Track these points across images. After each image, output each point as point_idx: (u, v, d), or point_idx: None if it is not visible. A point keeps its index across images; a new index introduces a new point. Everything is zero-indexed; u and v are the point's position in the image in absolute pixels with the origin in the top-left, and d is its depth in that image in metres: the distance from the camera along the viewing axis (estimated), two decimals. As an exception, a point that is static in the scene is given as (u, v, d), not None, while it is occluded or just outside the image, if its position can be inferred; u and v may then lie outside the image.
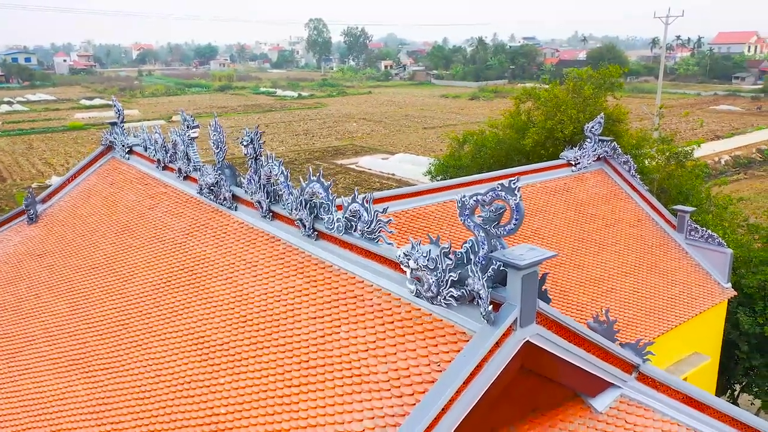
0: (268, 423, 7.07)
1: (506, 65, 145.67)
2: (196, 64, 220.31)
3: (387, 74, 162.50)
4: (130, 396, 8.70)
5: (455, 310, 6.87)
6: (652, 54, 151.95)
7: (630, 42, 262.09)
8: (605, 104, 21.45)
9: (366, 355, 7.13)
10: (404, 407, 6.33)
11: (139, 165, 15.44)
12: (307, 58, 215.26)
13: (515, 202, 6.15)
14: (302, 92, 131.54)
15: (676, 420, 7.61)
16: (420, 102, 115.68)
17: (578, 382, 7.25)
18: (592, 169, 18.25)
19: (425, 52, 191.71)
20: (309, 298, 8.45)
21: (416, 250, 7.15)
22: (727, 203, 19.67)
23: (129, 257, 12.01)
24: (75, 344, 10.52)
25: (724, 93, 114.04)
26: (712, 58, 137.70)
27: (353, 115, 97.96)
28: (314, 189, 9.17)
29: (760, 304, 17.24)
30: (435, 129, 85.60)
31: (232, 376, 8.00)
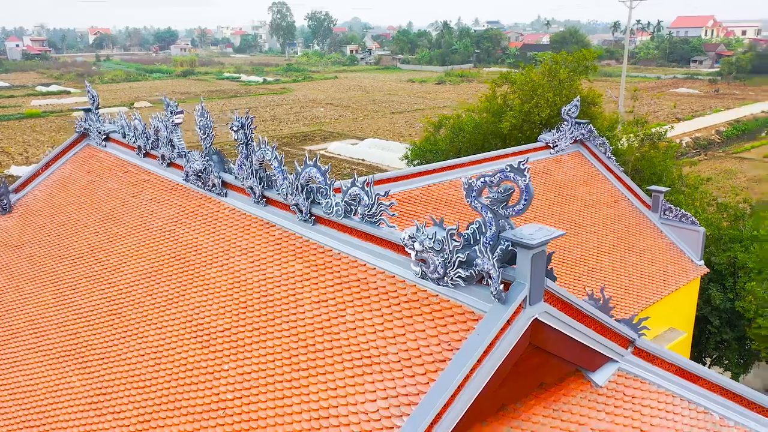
0: (278, 407, 7.11)
1: (471, 49, 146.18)
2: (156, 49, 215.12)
3: (353, 59, 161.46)
4: (129, 385, 8.63)
5: (462, 290, 6.99)
6: (613, 38, 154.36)
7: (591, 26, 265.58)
8: (580, 87, 21.82)
9: (374, 337, 7.22)
10: (417, 386, 6.44)
11: (118, 152, 15.13)
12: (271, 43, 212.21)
13: (524, 182, 6.27)
14: (267, 77, 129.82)
15: (671, 391, 7.92)
16: (387, 86, 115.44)
17: (580, 358, 7.47)
18: (570, 152, 18.59)
19: (390, 37, 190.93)
20: (310, 283, 8.47)
21: (421, 233, 7.23)
22: (698, 183, 20.30)
23: (115, 246, 11.81)
24: (65, 335, 10.34)
25: (683, 76, 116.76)
26: (670, 42, 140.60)
27: (320, 100, 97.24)
28: (311, 174, 9.15)
29: (729, 280, 17.90)
30: (403, 113, 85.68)
31: (236, 361, 8.00)
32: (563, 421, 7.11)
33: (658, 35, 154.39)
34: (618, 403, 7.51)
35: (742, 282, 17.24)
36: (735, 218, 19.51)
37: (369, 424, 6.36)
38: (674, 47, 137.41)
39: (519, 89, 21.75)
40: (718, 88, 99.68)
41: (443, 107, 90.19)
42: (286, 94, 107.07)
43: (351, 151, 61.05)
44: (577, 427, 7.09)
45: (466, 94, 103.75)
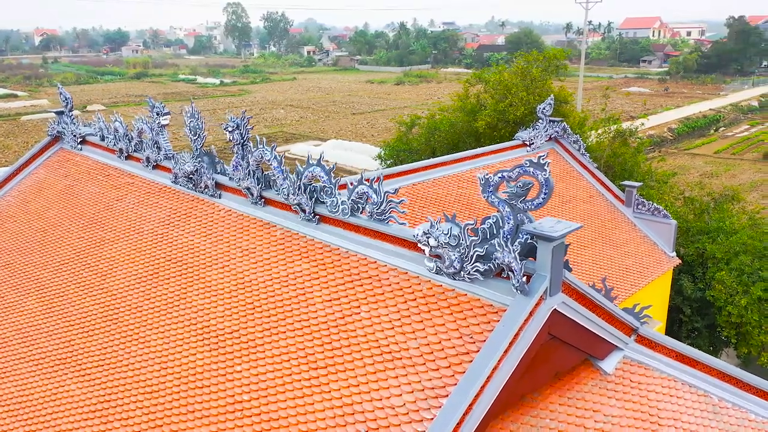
0: (299, 405, 7.11)
1: (429, 50, 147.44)
2: (107, 50, 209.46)
3: (310, 60, 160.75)
4: (135, 391, 8.46)
5: (480, 284, 7.14)
6: (566, 38, 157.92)
7: (543, 27, 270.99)
8: (552, 86, 22.34)
9: (393, 333, 7.29)
10: (443, 380, 6.54)
11: (95, 155, 14.78)
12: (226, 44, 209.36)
13: (545, 176, 6.45)
14: (224, 79, 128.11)
15: (673, 376, 8.24)
16: (346, 87, 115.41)
17: (591, 346, 7.71)
18: (544, 149, 19.02)
19: (347, 38, 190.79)
20: (320, 282, 8.48)
21: (436, 229, 7.34)
22: (666, 178, 21.04)
23: (104, 251, 11.54)
24: (58, 343, 10.06)
25: (634, 76, 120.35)
26: (621, 42, 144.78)
27: (280, 102, 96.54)
28: (314, 173, 9.16)
29: (699, 270, 18.63)
30: (364, 114, 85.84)
31: (248, 363, 7.95)
32: (578, 408, 7.33)
33: (608, 36, 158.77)
34: (626, 389, 7.78)
35: (711, 272, 17.97)
36: (701, 211, 20.30)
37: (397, 418, 6.43)
38: (624, 48, 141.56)
39: (492, 89, 22.13)
40: (667, 87, 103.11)
41: (404, 107, 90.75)
42: (244, 95, 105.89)
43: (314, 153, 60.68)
44: (592, 414, 7.32)
45: (425, 94, 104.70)
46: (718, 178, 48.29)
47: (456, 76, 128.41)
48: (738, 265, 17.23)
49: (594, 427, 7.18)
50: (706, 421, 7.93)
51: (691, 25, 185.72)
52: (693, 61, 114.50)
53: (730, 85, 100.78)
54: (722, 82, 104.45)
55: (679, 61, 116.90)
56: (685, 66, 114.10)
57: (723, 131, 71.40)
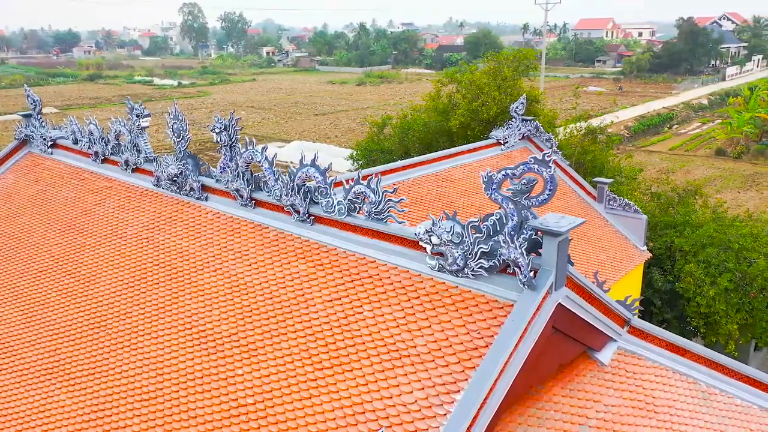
0: (306, 407, 7.09)
1: (389, 51, 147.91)
2: (57, 51, 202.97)
3: (270, 61, 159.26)
4: (131, 399, 8.28)
5: (484, 280, 7.24)
6: (523, 39, 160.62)
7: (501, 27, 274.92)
8: (523, 85, 22.74)
9: (398, 331, 7.33)
10: (453, 375, 6.62)
11: (68, 159, 14.39)
12: (183, 45, 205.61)
13: (549, 173, 6.60)
14: (182, 81, 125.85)
15: (664, 365, 8.51)
16: (307, 88, 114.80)
17: (589, 338, 7.91)
18: (518, 148, 19.34)
19: (307, 38, 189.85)
20: (319, 282, 8.46)
21: (438, 227, 7.42)
22: (635, 174, 21.65)
23: (85, 257, 11.24)
24: (42, 353, 9.76)
25: (590, 75, 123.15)
26: (576, 43, 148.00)
27: (240, 104, 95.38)
28: (309, 173, 9.13)
29: (667, 263, 19.23)
30: (327, 115, 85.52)
31: (250, 366, 7.87)
32: (579, 399, 7.51)
33: (564, 37, 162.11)
34: (622, 379, 8.01)
35: (679, 265, 18.57)
36: (667, 206, 20.96)
37: (410, 415, 6.48)
38: (579, 48, 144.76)
39: (465, 88, 22.39)
40: (621, 86, 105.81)
41: (366, 108, 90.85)
42: (203, 97, 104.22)
43: (279, 155, 60.33)
44: (593, 405, 7.51)
45: (387, 94, 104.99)
46: (674, 174, 49.83)
47: (417, 77, 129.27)
48: (705, 257, 17.86)
49: (596, 417, 7.37)
50: (697, 408, 8.22)
51: (642, 26, 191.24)
52: (645, 61, 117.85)
53: (681, 84, 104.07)
54: (674, 82, 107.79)
55: (632, 61, 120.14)
56: (638, 66, 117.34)
57: (676, 129, 73.72)
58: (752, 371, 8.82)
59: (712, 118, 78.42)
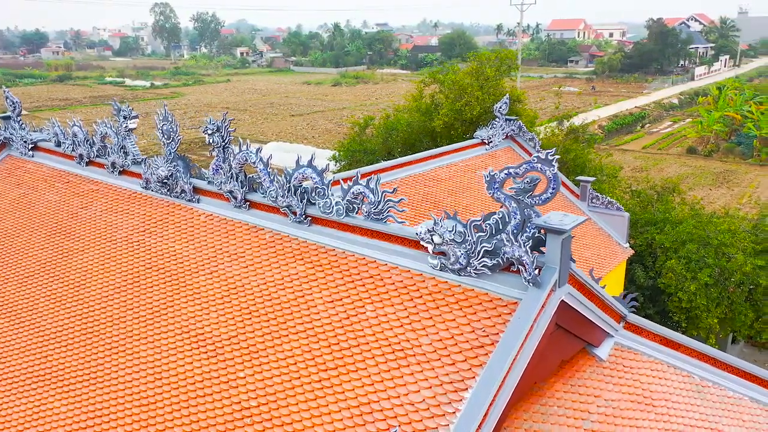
0: (312, 408, 7.07)
1: (364, 51, 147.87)
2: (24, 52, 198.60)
3: (244, 61, 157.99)
4: (130, 404, 8.16)
5: (486, 279, 7.30)
6: (497, 39, 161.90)
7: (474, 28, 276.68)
8: (505, 85, 22.95)
9: (402, 331, 7.35)
10: (460, 373, 6.66)
11: (50, 162, 14.13)
12: (154, 46, 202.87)
13: (552, 172, 6.68)
14: (155, 81, 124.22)
15: (659, 359, 8.68)
16: (283, 89, 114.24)
17: (589, 334, 8.03)
18: (502, 147, 19.52)
19: (281, 39, 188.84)
20: (318, 283, 8.44)
21: (440, 226, 7.46)
22: (615, 172, 22.01)
23: (73, 261, 11.04)
24: (32, 360, 9.56)
25: (563, 75, 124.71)
26: (549, 43, 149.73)
27: (215, 105, 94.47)
28: (305, 174, 9.11)
29: (649, 260, 19.58)
30: (303, 116, 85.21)
31: (252, 368, 7.82)
32: (581, 395, 7.62)
33: (537, 37, 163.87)
34: (620, 374, 8.14)
35: (660, 261, 18.92)
36: (647, 203, 21.34)
37: (418, 414, 6.50)
38: (552, 48, 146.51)
39: (448, 88, 22.51)
40: (594, 86, 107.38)
41: (342, 109, 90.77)
42: (177, 98, 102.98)
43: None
44: (594, 400, 7.63)
45: (363, 95, 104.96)
46: (648, 172, 50.73)
47: (392, 77, 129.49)
48: (685, 253, 18.23)
49: (597, 412, 7.48)
50: (692, 400, 8.40)
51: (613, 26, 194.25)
52: (617, 61, 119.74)
53: (652, 84, 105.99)
54: (644, 81, 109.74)
55: (604, 61, 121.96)
56: (609, 66, 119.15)
57: (648, 128, 75.08)
58: (743, 363, 9.05)
59: (682, 117, 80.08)
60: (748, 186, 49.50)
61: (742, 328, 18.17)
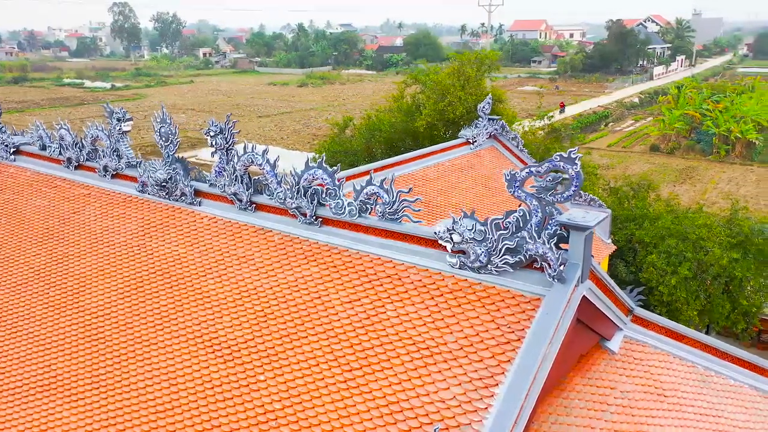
0: (339, 408, 7.07)
1: (329, 52, 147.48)
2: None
3: (207, 62, 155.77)
4: (146, 412, 8.02)
5: (507, 276, 7.42)
6: (461, 40, 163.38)
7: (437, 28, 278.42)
8: (486, 85, 23.21)
9: (426, 329, 7.42)
10: (489, 370, 6.76)
11: (35, 166, 13.77)
12: (113, 46, 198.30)
13: (575, 170, 6.84)
14: (115, 83, 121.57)
15: (665, 351, 8.94)
16: (248, 90, 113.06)
17: (603, 328, 8.23)
18: (486, 146, 19.76)
19: (244, 39, 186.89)
20: (334, 284, 8.44)
21: (459, 225, 7.56)
22: (594, 170, 22.49)
23: (69, 267, 10.78)
24: (34, 369, 9.30)
25: (527, 75, 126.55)
26: (512, 43, 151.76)
27: (180, 106, 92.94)
28: (315, 175, 9.09)
29: (629, 255, 20.08)
30: (270, 117, 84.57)
31: (272, 371, 7.77)
32: (598, 387, 7.80)
33: (500, 38, 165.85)
34: (632, 366, 8.37)
35: (641, 256, 19.43)
36: (624, 200, 21.87)
37: (450, 411, 6.57)
38: (516, 49, 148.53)
39: (430, 89, 22.66)
40: (557, 85, 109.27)
41: (310, 109, 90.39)
42: (140, 100, 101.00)
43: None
44: (610, 392, 7.83)
45: (330, 96, 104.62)
46: (614, 169, 51.91)
47: (359, 78, 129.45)
48: (665, 248, 18.76)
49: (615, 404, 7.68)
50: (697, 389, 8.68)
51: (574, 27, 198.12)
52: (579, 61, 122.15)
53: (613, 83, 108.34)
54: (606, 81, 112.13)
55: (566, 62, 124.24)
56: (572, 66, 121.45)
57: (612, 126, 76.74)
58: (743, 353, 9.39)
59: (644, 116, 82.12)
60: (709, 182, 51.10)
61: (719, 319, 18.79)
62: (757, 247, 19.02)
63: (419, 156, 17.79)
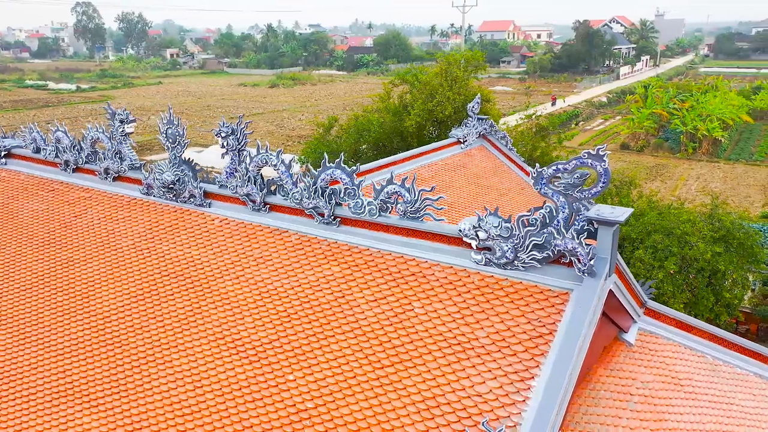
0: (374, 405, 7.13)
1: (299, 53, 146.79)
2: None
3: (175, 63, 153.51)
4: (171, 415, 7.96)
5: (534, 271, 7.58)
6: (431, 40, 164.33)
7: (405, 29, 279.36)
8: (474, 85, 23.46)
9: (456, 325, 7.53)
10: (523, 363, 6.90)
11: (28, 170, 13.50)
12: (77, 47, 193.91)
13: (604, 167, 7.03)
14: (81, 84, 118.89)
15: (676, 342, 9.22)
16: (218, 91, 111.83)
17: (623, 320, 8.45)
18: (476, 146, 19.99)
19: (212, 40, 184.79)
20: (357, 283, 8.49)
21: (485, 222, 7.69)
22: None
23: (75, 272, 10.61)
24: (48, 375, 9.13)
25: (497, 75, 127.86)
26: (482, 44, 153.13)
27: (149, 108, 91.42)
28: (333, 175, 9.13)
29: (616, 250, 20.49)
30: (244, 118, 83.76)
31: (301, 370, 7.79)
32: (621, 378, 8.02)
33: (468, 38, 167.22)
34: (649, 357, 8.62)
35: (628, 251, 19.87)
36: (606, 196, 22.33)
37: (487, 405, 6.69)
38: (485, 49, 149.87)
39: (418, 89, 22.82)
40: (528, 85, 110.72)
41: (283, 110, 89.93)
42: (107, 102, 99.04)
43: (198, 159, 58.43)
44: (632, 383, 8.05)
45: (302, 96, 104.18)
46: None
47: (330, 78, 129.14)
48: (652, 243, 19.24)
49: (638, 394, 7.91)
50: (709, 378, 8.98)
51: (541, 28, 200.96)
52: (547, 61, 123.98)
53: (581, 83, 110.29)
54: (574, 81, 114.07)
55: (535, 62, 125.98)
56: (540, 66, 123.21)
57: (582, 125, 78.10)
58: (748, 343, 9.74)
59: (612, 115, 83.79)
60: (679, 179, 52.45)
61: (704, 311, 19.34)
62: (738, 240, 19.64)
63: (413, 156, 17.92)
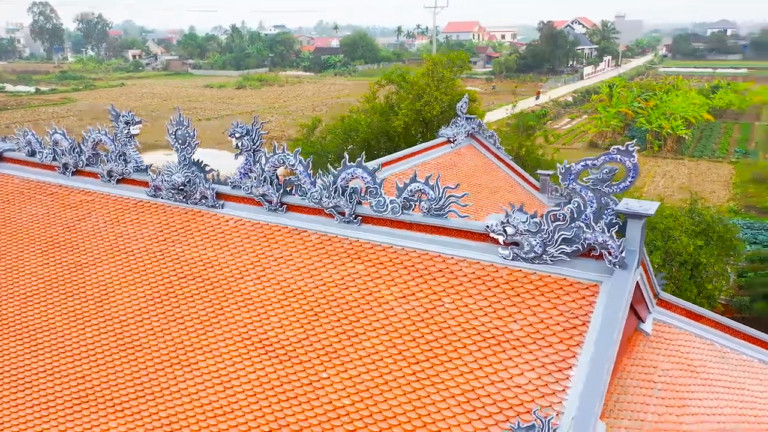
0: (414, 400, 7.22)
1: (265, 53, 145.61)
2: None
3: (137, 65, 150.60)
4: (202, 416, 7.91)
5: (562, 265, 7.78)
6: (397, 41, 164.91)
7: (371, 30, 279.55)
8: (460, 85, 23.72)
9: (488, 319, 7.68)
10: (559, 354, 7.09)
11: (23, 173, 13.19)
12: (34, 48, 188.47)
13: (633, 162, 7.27)
14: (40, 87, 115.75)
15: (687, 330, 9.55)
16: (184, 93, 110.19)
17: (642, 311, 8.72)
18: (465, 145, 20.25)
19: (175, 41, 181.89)
20: (384, 281, 8.57)
21: (513, 218, 7.87)
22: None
23: (85, 276, 10.43)
24: (66, 381, 8.97)
25: (465, 75, 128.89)
26: (448, 44, 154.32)
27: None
28: (355, 174, 9.20)
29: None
30: (211, 120, 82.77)
31: (335, 368, 7.84)
32: (644, 367, 8.28)
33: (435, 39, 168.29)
34: (664, 346, 8.91)
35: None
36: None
37: (527, 395, 6.86)
38: (452, 49, 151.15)
39: (406, 90, 22.96)
40: (494, 85, 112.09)
41: (252, 112, 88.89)
42: (68, 104, 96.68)
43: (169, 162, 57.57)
44: (653, 371, 8.32)
45: (271, 97, 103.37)
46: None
47: (297, 79, 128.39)
48: (636, 238, 19.74)
49: (660, 381, 8.18)
50: (720, 365, 9.34)
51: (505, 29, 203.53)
52: (513, 61, 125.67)
53: (547, 83, 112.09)
54: (539, 81, 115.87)
55: (501, 62, 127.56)
56: (506, 66, 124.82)
57: (550, 124, 79.40)
58: (752, 331, 10.13)
59: (579, 114, 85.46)
60: (647, 176, 53.77)
61: (687, 303, 19.93)
62: (718, 233, 20.34)
63: (405, 156, 18.07)
